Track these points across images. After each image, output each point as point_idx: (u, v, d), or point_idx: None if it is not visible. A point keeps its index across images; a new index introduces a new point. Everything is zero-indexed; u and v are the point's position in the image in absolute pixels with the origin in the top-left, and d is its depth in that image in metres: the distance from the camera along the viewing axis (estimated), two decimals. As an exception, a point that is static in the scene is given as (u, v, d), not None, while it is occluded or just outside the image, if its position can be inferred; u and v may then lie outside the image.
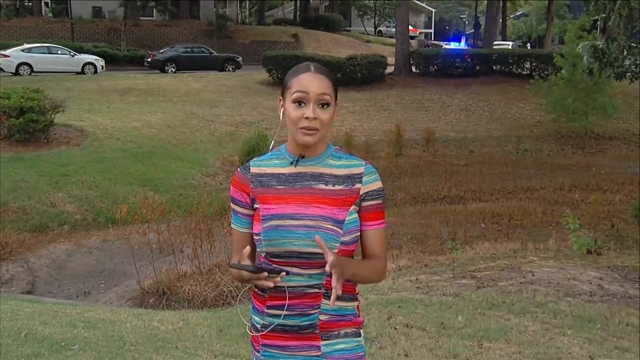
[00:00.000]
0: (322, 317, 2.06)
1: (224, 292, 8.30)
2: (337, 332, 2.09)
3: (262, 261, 2.11)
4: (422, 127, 22.73)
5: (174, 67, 31.02)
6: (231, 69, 31.72)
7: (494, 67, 29.68)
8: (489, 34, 37.32)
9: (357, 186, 2.08)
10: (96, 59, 29.77)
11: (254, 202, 2.11)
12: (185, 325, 5.64)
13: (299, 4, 55.45)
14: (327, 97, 2.03)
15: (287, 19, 55.41)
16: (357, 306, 2.16)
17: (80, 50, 31.28)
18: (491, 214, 13.48)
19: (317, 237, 1.94)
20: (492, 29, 38.06)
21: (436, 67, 29.87)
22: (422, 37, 61.69)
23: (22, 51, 28.04)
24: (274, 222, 2.04)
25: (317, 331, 2.07)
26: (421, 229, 11.97)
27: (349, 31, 53.59)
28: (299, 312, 2.05)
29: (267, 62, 27.26)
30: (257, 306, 2.14)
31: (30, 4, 44.73)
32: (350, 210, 2.06)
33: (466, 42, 50.43)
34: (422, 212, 14.08)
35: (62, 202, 13.61)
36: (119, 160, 16.20)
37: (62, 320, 5.50)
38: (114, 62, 32.99)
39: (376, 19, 60.93)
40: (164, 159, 16.92)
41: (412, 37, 45.65)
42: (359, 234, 2.08)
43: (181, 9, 42.52)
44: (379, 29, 60.14)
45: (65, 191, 13.97)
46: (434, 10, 70.07)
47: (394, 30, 37.60)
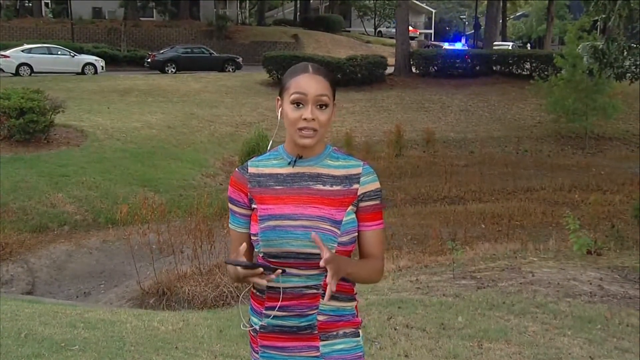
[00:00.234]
0: (321, 318, 2.05)
1: (224, 292, 8.30)
2: (335, 333, 2.08)
3: (259, 261, 2.10)
4: (422, 127, 22.74)
5: (174, 68, 31.03)
6: (231, 70, 31.73)
7: (494, 68, 29.70)
8: (489, 35, 37.31)
9: (355, 187, 2.08)
10: (96, 60, 29.81)
11: (251, 202, 2.11)
12: (185, 325, 5.64)
13: (299, 5, 55.47)
14: (325, 98, 2.03)
15: (287, 20, 55.44)
16: (356, 306, 2.16)
17: (80, 50, 31.30)
18: (491, 214, 13.48)
19: (313, 235, 1.94)
20: (492, 29, 38.06)
21: (436, 68, 29.88)
22: (422, 37, 61.69)
23: (22, 52, 28.06)
24: (272, 223, 2.03)
25: (316, 332, 2.06)
26: (421, 230, 11.96)
27: (349, 32, 53.62)
28: (298, 313, 2.04)
29: (267, 62, 27.28)
30: (255, 307, 2.13)
31: (30, 5, 44.78)
32: (347, 210, 2.05)
33: (466, 42, 50.42)
34: (422, 212, 14.08)
35: (62, 203, 13.61)
36: (119, 160, 16.20)
37: (62, 320, 5.50)
38: (114, 62, 33.02)
39: (376, 19, 60.95)
40: (164, 160, 16.92)
41: (412, 38, 45.68)
42: (356, 234, 2.08)
43: (181, 10, 42.54)
44: (379, 29, 60.16)
45: (65, 191, 13.97)
46: (434, 10, 70.10)
47: (394, 30, 37.60)
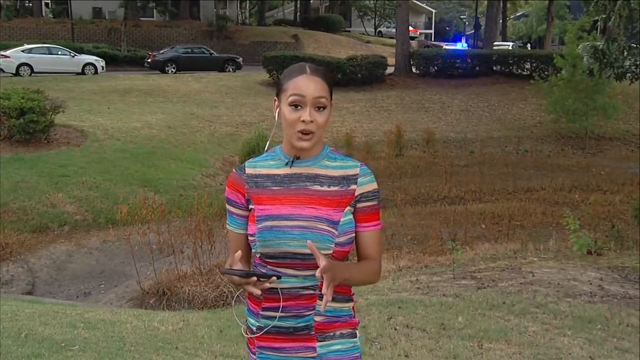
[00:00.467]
0: (318, 319, 2.05)
1: (224, 292, 8.30)
2: (332, 333, 2.08)
3: (256, 262, 2.11)
4: (422, 127, 22.74)
5: (174, 68, 31.03)
6: (231, 70, 31.73)
7: (494, 68, 29.71)
8: (489, 35, 37.34)
9: (352, 187, 2.07)
10: (96, 60, 29.81)
11: (249, 203, 2.10)
12: (185, 325, 5.64)
13: (299, 5, 55.47)
14: (323, 100, 2.03)
15: (287, 20, 55.45)
16: (353, 307, 2.16)
17: (80, 50, 31.31)
18: (491, 214, 13.49)
19: (309, 242, 1.94)
20: (492, 29, 38.08)
21: (436, 68, 29.89)
22: (423, 37, 61.71)
23: (23, 52, 28.06)
24: (269, 223, 2.03)
25: (313, 332, 2.06)
26: (421, 230, 11.96)
27: (349, 32, 53.63)
28: (295, 314, 2.05)
29: (267, 62, 27.28)
30: (252, 308, 2.13)
31: (30, 5, 44.79)
32: (345, 211, 2.05)
33: (466, 42, 50.41)
34: (422, 212, 14.07)
35: (62, 203, 13.61)
36: (119, 160, 16.19)
37: (62, 320, 5.50)
38: (114, 62, 33.01)
39: (376, 19, 60.97)
40: (164, 160, 16.92)
41: (413, 38, 45.69)
42: (354, 235, 2.08)
43: (181, 10, 42.54)
44: (379, 29, 60.17)
45: (65, 192, 13.97)
46: (434, 10, 70.09)
47: (394, 30, 37.60)
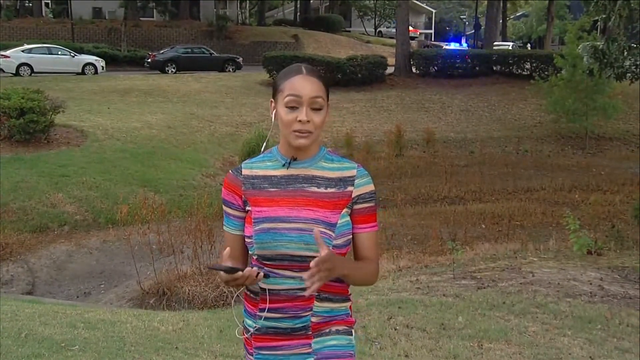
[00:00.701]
0: (314, 319, 2.06)
1: (224, 292, 8.30)
2: (328, 330, 2.09)
3: (253, 264, 2.11)
4: (422, 127, 22.74)
5: (174, 68, 31.03)
6: (231, 70, 31.73)
7: (494, 68, 29.70)
8: (489, 35, 37.32)
9: (350, 189, 2.07)
10: (96, 60, 29.81)
11: (245, 204, 2.10)
12: (185, 325, 5.64)
13: (299, 5, 55.47)
14: (320, 100, 2.02)
15: (287, 20, 55.45)
16: (350, 306, 2.17)
17: (80, 50, 31.30)
18: (491, 214, 13.49)
19: (315, 230, 1.94)
20: (492, 29, 38.07)
21: (436, 68, 29.88)
22: (423, 37, 61.72)
23: (23, 52, 28.06)
24: (266, 225, 2.03)
25: (310, 332, 2.07)
26: (421, 230, 11.96)
27: (349, 32, 53.63)
28: (292, 315, 2.05)
29: (267, 62, 27.27)
30: (249, 309, 2.14)
31: (30, 5, 44.78)
32: (342, 213, 2.05)
33: (466, 42, 50.44)
34: (422, 212, 14.07)
35: (62, 203, 13.61)
36: (119, 160, 16.19)
37: (62, 320, 5.50)
38: (114, 62, 33.01)
39: (376, 19, 60.97)
40: (164, 160, 16.92)
41: (413, 38, 45.69)
42: (351, 236, 2.08)
43: (181, 10, 42.54)
44: (379, 29, 60.17)
45: (65, 192, 13.96)
46: (434, 10, 70.09)
47: (394, 30, 37.60)
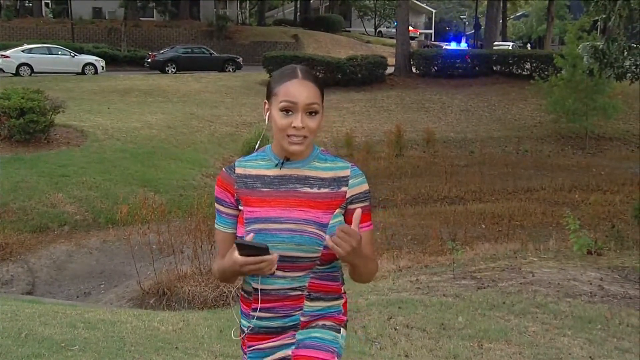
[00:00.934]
0: (303, 318, 2.07)
1: (224, 292, 8.30)
2: (315, 324, 2.09)
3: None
4: (422, 127, 22.74)
5: (174, 68, 31.03)
6: (231, 70, 31.74)
7: (494, 68, 29.70)
8: (489, 35, 37.34)
9: (344, 189, 2.06)
10: (96, 60, 29.82)
11: (238, 202, 2.09)
12: (185, 325, 5.63)
13: (299, 5, 55.48)
14: (315, 106, 2.00)
15: (287, 20, 55.46)
16: (344, 304, 2.16)
17: (80, 50, 31.31)
18: (491, 214, 13.49)
19: (327, 238, 1.93)
20: (492, 29, 38.09)
21: (436, 68, 29.88)
22: (423, 37, 61.73)
23: (23, 52, 28.07)
24: (257, 226, 2.02)
25: (299, 329, 2.09)
26: (421, 230, 11.96)
27: (349, 32, 53.65)
28: (283, 314, 2.06)
29: (267, 62, 27.28)
30: (244, 310, 2.15)
31: (30, 5, 44.78)
32: (335, 213, 2.04)
33: (467, 42, 50.45)
34: (422, 212, 14.08)
35: (62, 203, 13.61)
36: (119, 160, 16.19)
37: (62, 320, 5.49)
38: (114, 62, 33.02)
39: (376, 19, 60.98)
40: (164, 160, 16.92)
41: (413, 38, 45.70)
42: None
43: (181, 10, 42.54)
44: (379, 29, 60.19)
45: (65, 192, 13.96)
46: (434, 10, 70.11)
47: (394, 30, 37.64)
